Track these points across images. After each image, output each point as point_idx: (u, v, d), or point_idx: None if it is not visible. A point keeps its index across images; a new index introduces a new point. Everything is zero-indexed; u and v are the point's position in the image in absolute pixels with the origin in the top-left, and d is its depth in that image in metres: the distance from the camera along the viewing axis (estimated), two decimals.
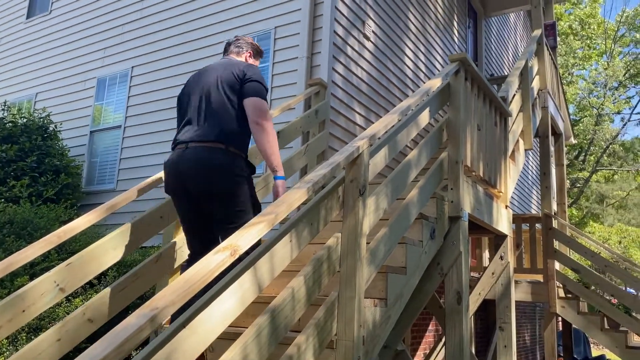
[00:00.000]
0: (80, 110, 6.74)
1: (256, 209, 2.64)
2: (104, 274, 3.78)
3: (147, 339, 2.79)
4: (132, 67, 6.34)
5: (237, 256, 1.57)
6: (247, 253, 1.87)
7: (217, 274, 1.52)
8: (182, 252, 2.99)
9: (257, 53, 3.13)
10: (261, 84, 2.72)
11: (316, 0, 4.93)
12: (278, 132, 3.88)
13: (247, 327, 1.80)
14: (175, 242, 3.02)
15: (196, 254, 2.65)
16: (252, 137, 2.67)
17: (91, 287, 3.78)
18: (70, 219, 4.58)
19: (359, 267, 2.17)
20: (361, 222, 2.23)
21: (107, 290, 2.63)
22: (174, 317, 2.37)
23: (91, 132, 6.59)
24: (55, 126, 6.24)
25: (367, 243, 2.46)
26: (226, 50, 3.10)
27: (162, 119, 5.86)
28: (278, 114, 4.16)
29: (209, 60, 5.60)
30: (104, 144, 6.48)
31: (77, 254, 2.48)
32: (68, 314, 3.14)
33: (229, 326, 1.73)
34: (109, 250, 2.62)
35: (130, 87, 6.31)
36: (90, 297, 3.45)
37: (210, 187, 2.52)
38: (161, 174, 2.99)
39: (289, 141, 4.03)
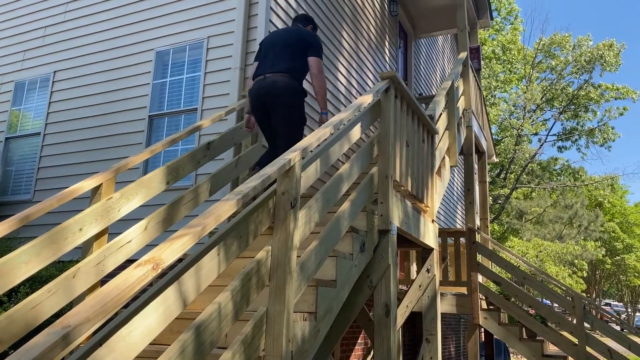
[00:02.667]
0: None
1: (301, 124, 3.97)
2: (14, 291, 3.51)
3: None
4: (55, 71, 6.01)
5: (159, 270, 1.50)
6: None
7: (137, 288, 1.45)
8: (103, 266, 2.83)
9: (314, 26, 4.49)
10: (319, 44, 4.13)
11: (250, 12, 4.91)
12: (208, 143, 3.80)
13: (170, 344, 1.72)
14: (94, 257, 2.86)
15: (269, 149, 4.02)
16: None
17: (0, 305, 3.50)
18: None
19: (288, 281, 2.15)
20: (292, 235, 2.21)
21: (18, 307, 2.44)
22: None
23: (6, 138, 6.17)
24: None
25: (298, 256, 2.44)
26: (296, 20, 4.48)
27: (85, 127, 5.59)
28: (209, 125, 4.08)
29: (138, 68, 5.42)
30: (20, 152, 6.08)
31: None
32: None
33: (151, 343, 1.64)
34: (21, 264, 2.43)
35: (51, 92, 5.98)
36: None
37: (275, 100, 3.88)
38: (81, 185, 2.85)
39: (220, 152, 3.96)
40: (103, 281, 2.84)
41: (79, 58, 5.89)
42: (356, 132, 3.31)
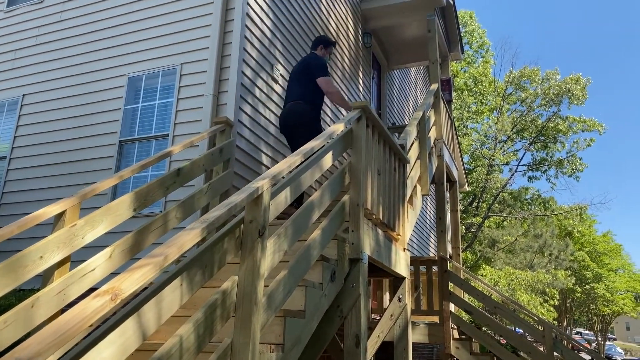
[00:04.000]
0: None
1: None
2: None
3: None
4: (24, 95, 5.91)
5: (117, 301, 1.45)
6: None
7: (94, 320, 1.39)
8: (64, 295, 2.73)
9: (324, 44, 5.13)
10: (321, 65, 4.79)
11: (225, 40, 4.94)
12: (178, 169, 3.76)
13: None
14: (55, 286, 2.76)
15: None
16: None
17: None
18: None
19: (255, 312, 2.10)
20: (259, 265, 2.18)
21: None
22: None
23: None
24: None
25: (266, 286, 2.40)
26: (311, 45, 5.22)
27: (54, 152, 5.48)
28: (180, 151, 4.04)
29: (110, 93, 5.37)
30: None
31: None
32: None
33: None
34: None
35: (19, 115, 5.86)
36: None
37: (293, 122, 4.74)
38: (44, 211, 2.79)
39: (190, 179, 3.91)
40: (64, 311, 2.74)
41: (50, 82, 5.81)
42: (328, 160, 3.32)
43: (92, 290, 2.60)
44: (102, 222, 3.05)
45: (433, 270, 7.29)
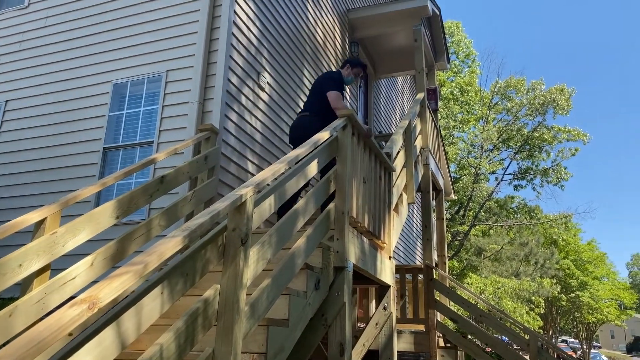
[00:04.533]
0: None
1: None
2: None
3: None
4: (6, 100, 5.84)
5: (95, 310, 1.43)
6: None
7: (70, 329, 1.37)
8: (43, 304, 2.69)
9: (351, 64, 5.20)
10: (335, 80, 4.89)
11: (211, 48, 4.93)
12: (162, 177, 3.73)
13: None
14: (35, 294, 2.72)
15: None
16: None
17: None
18: None
19: (237, 321, 2.08)
20: (241, 273, 2.16)
21: None
22: None
23: None
24: None
25: (249, 294, 2.38)
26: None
27: (36, 158, 5.41)
28: (164, 158, 4.02)
29: (94, 100, 5.33)
30: None
31: None
32: None
33: None
34: None
35: (2, 121, 5.78)
36: None
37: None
38: (24, 218, 2.75)
39: (174, 186, 3.88)
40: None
41: (33, 88, 5.75)
42: (313, 168, 3.31)
43: (72, 299, 2.56)
44: (83, 229, 3.01)
45: (419, 278, 7.30)
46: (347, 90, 8.44)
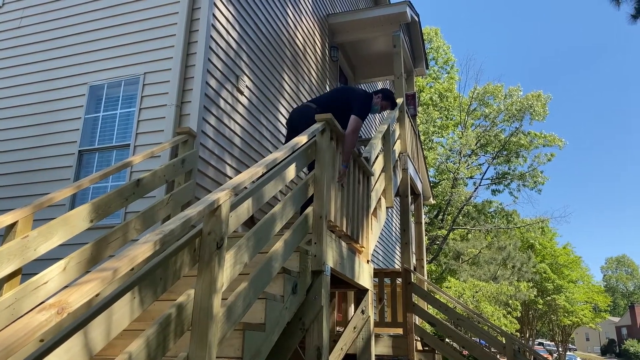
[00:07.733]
0: None
1: None
2: None
3: None
4: None
5: (64, 315, 1.40)
6: None
7: (37, 334, 1.34)
8: (13, 309, 2.63)
9: (384, 97, 5.08)
10: (366, 106, 4.68)
11: (189, 50, 4.90)
12: (138, 180, 3.69)
13: None
14: (5, 299, 2.66)
15: None
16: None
17: None
18: None
19: (211, 326, 2.06)
20: (216, 278, 2.14)
21: None
22: None
23: None
24: None
25: (225, 299, 2.37)
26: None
27: (9, 161, 5.30)
28: (141, 161, 3.97)
29: (70, 102, 5.25)
30: None
31: None
32: None
33: None
34: None
35: None
36: None
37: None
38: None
39: (150, 190, 3.84)
40: None
41: (7, 89, 5.64)
42: (291, 172, 3.31)
43: None
44: (56, 233, 2.96)
45: (397, 282, 7.34)
46: None
